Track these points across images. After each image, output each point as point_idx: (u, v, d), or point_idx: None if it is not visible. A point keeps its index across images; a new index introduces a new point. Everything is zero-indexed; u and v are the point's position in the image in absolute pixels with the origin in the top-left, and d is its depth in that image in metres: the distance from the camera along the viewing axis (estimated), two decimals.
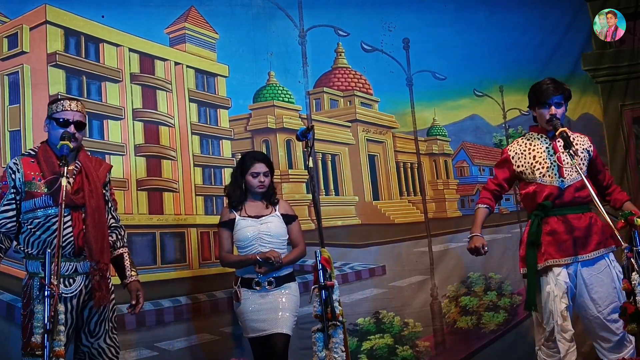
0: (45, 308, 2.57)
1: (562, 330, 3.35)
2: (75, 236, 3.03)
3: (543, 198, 3.46)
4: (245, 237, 3.70)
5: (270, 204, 3.81)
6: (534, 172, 3.50)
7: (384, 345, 4.74)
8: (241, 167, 3.82)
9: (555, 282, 3.38)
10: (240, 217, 3.75)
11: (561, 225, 3.42)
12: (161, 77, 4.55)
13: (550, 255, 3.42)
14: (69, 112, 3.10)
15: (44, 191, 3.03)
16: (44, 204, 3.04)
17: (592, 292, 3.37)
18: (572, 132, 3.62)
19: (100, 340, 3.12)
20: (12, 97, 4.10)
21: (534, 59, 5.29)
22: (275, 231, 3.71)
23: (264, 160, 3.81)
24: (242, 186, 3.79)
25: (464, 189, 5.33)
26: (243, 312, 3.68)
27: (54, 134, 3.10)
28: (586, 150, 3.53)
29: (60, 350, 2.59)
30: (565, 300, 3.37)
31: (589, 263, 3.40)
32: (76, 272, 3.06)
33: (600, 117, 5.29)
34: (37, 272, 3.01)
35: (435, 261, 4.99)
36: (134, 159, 4.36)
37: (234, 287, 3.75)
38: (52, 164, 3.05)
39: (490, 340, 4.99)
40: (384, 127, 5.21)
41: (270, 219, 3.75)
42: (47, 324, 2.54)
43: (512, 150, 3.62)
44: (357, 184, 5.02)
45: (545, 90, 3.49)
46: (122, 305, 3.37)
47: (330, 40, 5.07)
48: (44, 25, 4.17)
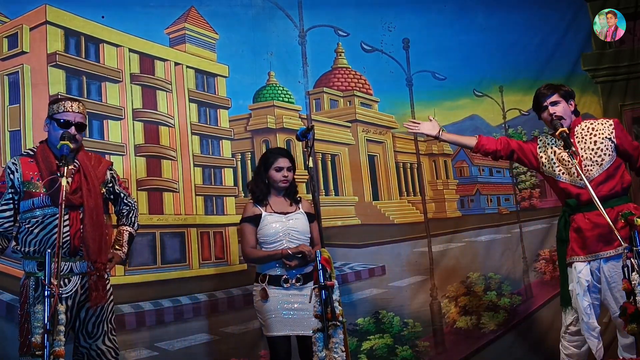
0: (45, 308, 2.57)
1: (589, 327, 3.36)
2: (72, 235, 3.02)
3: (567, 196, 3.50)
4: (274, 232, 3.65)
5: (293, 202, 3.80)
6: (554, 169, 3.53)
7: (384, 345, 4.74)
8: (264, 162, 3.79)
9: (577, 280, 3.41)
10: (266, 212, 3.70)
11: (585, 222, 3.43)
12: (161, 77, 4.55)
13: (574, 252, 3.46)
14: (71, 114, 3.10)
15: (42, 191, 3.03)
16: (42, 204, 3.04)
17: (614, 290, 3.35)
18: (595, 120, 3.61)
19: (99, 341, 3.12)
20: (12, 97, 4.10)
21: (534, 59, 5.29)
22: (301, 228, 3.69)
23: (287, 155, 3.79)
24: (266, 181, 3.76)
25: (464, 189, 5.33)
26: (270, 310, 3.56)
27: (54, 135, 3.10)
28: (607, 138, 3.45)
29: (61, 350, 2.58)
30: (587, 298, 3.38)
31: (613, 259, 3.36)
32: (72, 272, 3.06)
33: (600, 117, 5.28)
34: (34, 271, 3.02)
35: (434, 261, 4.99)
36: (134, 159, 4.36)
37: (258, 284, 3.63)
38: (50, 164, 3.05)
39: (490, 340, 4.99)
40: (384, 127, 5.21)
41: (297, 215, 3.72)
42: (47, 324, 2.54)
43: (542, 139, 3.67)
44: (357, 184, 5.02)
45: (538, 95, 3.56)
46: (122, 305, 3.38)
47: (330, 40, 5.07)
48: (44, 25, 4.17)
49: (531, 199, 5.33)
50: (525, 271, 5.14)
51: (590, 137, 3.47)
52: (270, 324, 3.56)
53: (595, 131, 3.49)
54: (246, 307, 4.40)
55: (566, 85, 3.64)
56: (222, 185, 4.64)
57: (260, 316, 3.63)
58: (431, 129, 3.77)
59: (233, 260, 4.53)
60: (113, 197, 3.36)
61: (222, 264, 4.53)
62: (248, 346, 4.40)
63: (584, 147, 3.45)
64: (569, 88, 3.61)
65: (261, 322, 3.64)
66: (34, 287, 2.99)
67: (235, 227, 4.55)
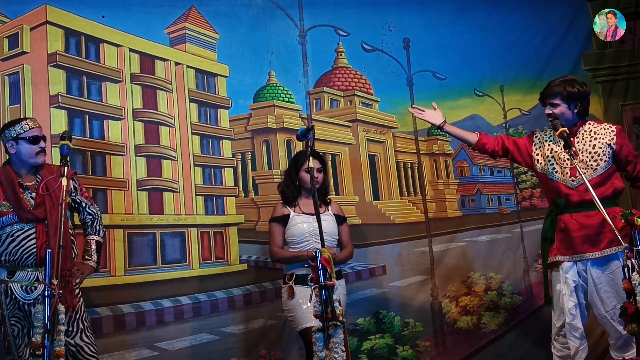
0: (45, 308, 2.58)
1: (571, 328, 3.37)
2: (38, 247, 3.24)
3: (556, 195, 3.50)
4: (301, 232, 3.71)
5: (323, 203, 3.84)
6: (548, 166, 3.52)
7: (384, 345, 4.74)
8: (295, 163, 3.86)
9: (564, 280, 3.42)
10: (295, 213, 3.77)
11: (573, 223, 3.44)
12: (161, 77, 4.55)
13: (559, 251, 3.48)
14: (36, 129, 3.37)
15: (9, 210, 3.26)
16: (10, 221, 3.27)
17: (600, 292, 3.39)
18: (599, 123, 3.60)
19: (77, 337, 3.30)
20: (12, 97, 4.10)
21: (534, 58, 5.29)
22: (329, 229, 3.72)
23: (317, 156, 3.82)
24: (296, 182, 3.81)
25: (464, 188, 5.33)
26: (296, 305, 3.61)
27: (26, 152, 3.34)
28: (606, 144, 3.45)
29: (61, 350, 2.60)
30: (573, 298, 3.40)
31: (600, 261, 3.40)
32: (37, 281, 3.25)
33: (600, 117, 5.28)
34: (3, 279, 3.26)
35: (435, 261, 4.99)
36: (134, 159, 4.36)
37: (286, 282, 3.70)
38: (13, 183, 3.29)
39: (490, 340, 4.99)
40: (384, 127, 5.21)
41: (325, 217, 3.74)
42: (47, 323, 2.55)
43: (538, 135, 3.67)
44: (357, 184, 5.02)
45: (545, 89, 3.58)
46: (122, 305, 3.39)
47: (331, 40, 5.07)
48: (44, 25, 4.17)
49: (532, 199, 5.33)
50: (526, 271, 5.14)
51: (590, 140, 3.48)
52: (298, 317, 3.62)
53: (596, 135, 3.50)
54: (246, 307, 4.40)
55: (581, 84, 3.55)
56: (223, 185, 4.64)
57: (288, 314, 3.71)
58: (435, 117, 3.79)
59: (233, 260, 4.53)
60: (77, 205, 3.55)
61: (222, 264, 4.53)
62: (248, 346, 4.40)
63: (582, 149, 3.45)
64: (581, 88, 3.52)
65: (290, 320, 3.71)
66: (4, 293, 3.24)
67: (235, 227, 4.57)
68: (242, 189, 4.69)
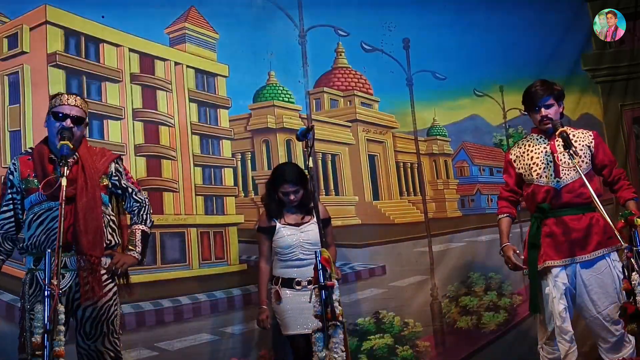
0: (45, 308, 2.56)
1: (561, 331, 3.37)
2: (64, 230, 2.90)
3: (540, 199, 3.48)
4: (287, 245, 3.85)
5: (306, 215, 3.92)
6: (532, 174, 3.51)
7: (384, 345, 4.73)
8: (273, 182, 3.92)
9: (553, 284, 3.41)
10: (280, 225, 3.89)
11: (559, 226, 3.43)
12: (161, 77, 4.54)
13: (549, 256, 3.45)
14: (67, 107, 3.08)
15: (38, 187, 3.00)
16: (38, 200, 3.04)
17: (591, 293, 3.38)
18: (575, 129, 3.62)
19: (98, 342, 3.07)
20: (12, 97, 4.09)
21: (534, 59, 5.29)
22: (315, 239, 3.78)
23: (292, 180, 3.83)
24: (276, 199, 3.91)
25: (464, 189, 5.33)
26: (285, 310, 3.79)
27: (52, 129, 3.09)
28: (586, 146, 3.50)
29: (61, 350, 2.58)
30: (563, 301, 3.39)
31: (588, 264, 3.40)
32: (66, 268, 2.99)
33: (600, 117, 5.29)
34: (30, 267, 3.03)
35: (435, 261, 4.99)
36: (134, 159, 4.35)
37: (273, 286, 3.88)
38: (44, 163, 3.05)
39: (490, 340, 4.99)
40: (384, 127, 5.21)
41: (310, 227, 3.87)
42: (47, 323, 2.54)
43: (512, 153, 3.67)
44: (357, 184, 5.02)
45: (533, 94, 3.53)
46: (122, 304, 3.37)
47: (330, 40, 5.07)
48: (44, 25, 4.16)
49: None
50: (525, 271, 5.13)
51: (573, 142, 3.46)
52: (286, 323, 3.79)
53: (575, 137, 3.52)
54: (246, 307, 4.40)
55: (557, 84, 3.62)
56: (222, 185, 4.64)
57: (277, 316, 3.86)
58: None
59: (233, 260, 4.53)
60: (120, 191, 3.31)
61: (222, 264, 4.53)
62: (248, 346, 4.40)
63: (562, 151, 3.41)
64: (560, 87, 3.59)
65: (279, 322, 3.86)
66: (29, 284, 2.98)
67: (235, 227, 4.57)
68: (242, 189, 4.68)
